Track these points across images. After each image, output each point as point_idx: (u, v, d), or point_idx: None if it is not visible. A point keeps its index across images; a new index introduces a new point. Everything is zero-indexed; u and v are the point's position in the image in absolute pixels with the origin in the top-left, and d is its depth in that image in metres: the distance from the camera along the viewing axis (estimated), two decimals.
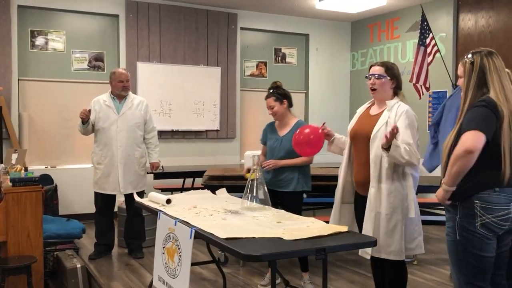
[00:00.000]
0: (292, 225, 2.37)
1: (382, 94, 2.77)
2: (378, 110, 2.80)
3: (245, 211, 2.69)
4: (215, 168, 5.28)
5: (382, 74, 2.75)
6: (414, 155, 2.55)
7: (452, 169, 2.16)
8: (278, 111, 3.62)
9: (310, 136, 2.90)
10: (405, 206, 2.64)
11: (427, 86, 5.52)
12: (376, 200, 2.64)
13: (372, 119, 2.77)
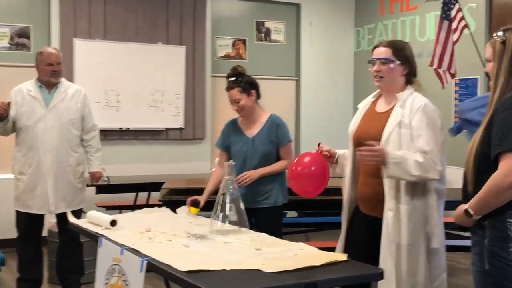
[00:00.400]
0: (276, 252, 2.36)
1: (391, 84, 2.76)
2: (387, 105, 2.79)
3: (215, 235, 2.68)
4: (177, 179, 5.27)
5: (389, 57, 2.73)
6: (431, 167, 2.55)
7: (488, 199, 2.17)
8: (246, 105, 3.63)
9: (311, 167, 2.81)
10: (427, 233, 2.66)
11: (452, 72, 5.61)
12: (395, 226, 2.65)
13: (380, 118, 2.76)
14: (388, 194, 2.65)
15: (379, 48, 2.79)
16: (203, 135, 7.20)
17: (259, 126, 3.66)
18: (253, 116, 3.68)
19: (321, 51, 8.02)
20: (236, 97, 3.61)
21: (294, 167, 2.86)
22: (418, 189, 2.64)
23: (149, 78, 6.82)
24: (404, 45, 2.81)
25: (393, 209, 2.64)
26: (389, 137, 2.65)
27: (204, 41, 7.15)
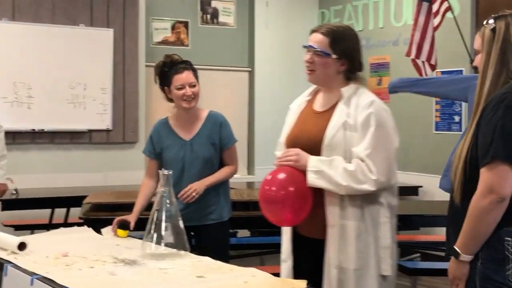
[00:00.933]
0: (222, 280, 2.36)
1: (324, 80, 2.75)
2: (328, 103, 2.76)
3: (148, 261, 2.66)
4: (102, 192, 5.21)
5: (325, 49, 2.67)
6: (365, 176, 2.53)
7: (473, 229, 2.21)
8: (199, 93, 3.64)
9: (288, 187, 2.64)
10: (379, 256, 2.64)
11: (432, 63, 5.73)
12: (339, 247, 2.61)
13: (320, 119, 2.72)
14: (329, 207, 2.63)
15: (316, 34, 2.72)
16: (135, 138, 7.15)
17: (197, 127, 3.65)
18: (194, 112, 3.68)
19: (279, 36, 8.07)
20: (192, 80, 3.59)
21: (267, 189, 2.69)
22: (367, 203, 2.62)
23: (68, 68, 6.73)
24: (347, 35, 2.74)
25: (336, 225, 2.61)
26: (332, 140, 2.62)
27: (136, 23, 7.10)
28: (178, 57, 3.67)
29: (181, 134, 3.65)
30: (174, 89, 3.59)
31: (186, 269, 2.54)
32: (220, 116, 3.72)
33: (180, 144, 3.61)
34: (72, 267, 2.55)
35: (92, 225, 3.57)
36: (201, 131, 3.62)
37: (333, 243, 2.62)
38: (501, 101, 2.24)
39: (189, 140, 3.61)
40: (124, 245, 3.02)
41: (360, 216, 2.61)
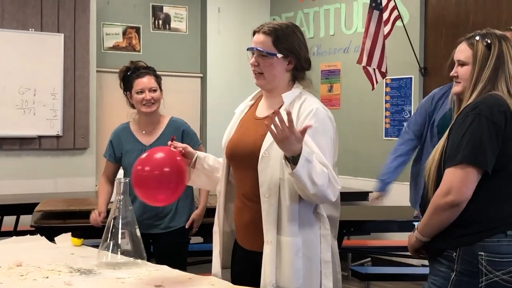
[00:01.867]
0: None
1: (273, 83, 2.59)
2: (269, 109, 2.62)
3: (104, 270, 2.63)
4: (54, 199, 5.15)
5: (269, 49, 2.54)
6: (333, 182, 2.38)
7: (430, 220, 2.45)
8: (159, 99, 3.66)
9: (163, 167, 2.54)
10: (321, 272, 2.51)
11: (383, 70, 5.83)
12: (276, 264, 2.46)
13: (259, 125, 2.59)
14: (266, 221, 2.47)
15: (259, 35, 2.58)
16: (86, 144, 7.08)
17: (158, 132, 3.67)
18: (156, 117, 3.68)
19: (231, 43, 8.08)
20: (154, 84, 3.62)
21: (140, 167, 2.55)
22: (306, 216, 2.48)
23: (17, 73, 6.63)
24: (290, 31, 2.58)
25: (272, 241, 2.46)
26: (269, 148, 2.46)
27: (87, 28, 7.04)
28: (142, 64, 3.70)
29: (141, 139, 3.65)
30: (134, 93, 3.61)
31: (143, 278, 2.52)
32: (182, 124, 3.74)
33: (139, 149, 3.61)
34: (26, 277, 2.50)
35: (44, 233, 3.51)
36: (162, 137, 3.62)
37: (269, 261, 2.46)
38: (473, 109, 2.40)
39: (149, 145, 3.60)
40: (78, 254, 2.97)
41: (298, 230, 2.45)
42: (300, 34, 2.61)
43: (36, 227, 4.12)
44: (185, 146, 2.72)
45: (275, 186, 2.45)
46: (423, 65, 6.46)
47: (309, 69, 2.64)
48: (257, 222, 2.51)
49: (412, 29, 6.38)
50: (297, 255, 2.44)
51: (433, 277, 2.47)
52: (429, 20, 6.52)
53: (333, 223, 2.57)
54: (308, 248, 2.47)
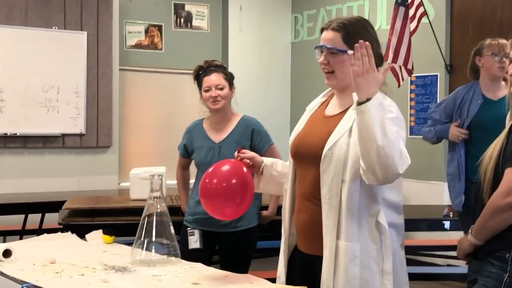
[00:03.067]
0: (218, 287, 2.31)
1: (345, 81, 2.46)
2: (339, 107, 2.53)
3: (139, 267, 2.60)
4: (79, 197, 5.14)
5: (339, 46, 2.45)
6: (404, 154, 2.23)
7: (487, 222, 2.35)
8: (228, 97, 3.67)
9: (231, 179, 2.52)
10: (378, 282, 2.40)
11: (409, 67, 5.76)
12: (333, 270, 2.40)
13: (327, 124, 2.51)
14: (326, 224, 2.40)
15: (327, 32, 2.48)
16: (109, 142, 7.09)
17: (229, 129, 3.68)
18: (226, 116, 3.70)
19: (252, 41, 8.07)
20: (221, 82, 3.63)
21: (207, 180, 2.54)
22: (367, 222, 2.39)
23: (41, 72, 6.65)
24: (360, 26, 2.48)
25: (330, 246, 2.39)
26: (333, 147, 2.39)
27: (110, 26, 7.05)
28: (216, 62, 3.75)
29: (212, 136, 3.69)
30: (203, 91, 3.66)
31: (179, 276, 2.48)
32: (252, 122, 3.73)
33: (209, 146, 3.66)
34: (62, 275, 2.48)
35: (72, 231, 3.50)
36: (231, 135, 3.65)
37: (327, 265, 2.40)
38: None
39: (219, 143, 3.64)
40: (111, 251, 2.94)
41: (356, 237, 2.38)
42: (371, 29, 2.50)
43: (64, 224, 4.12)
44: (252, 156, 2.66)
45: (336, 188, 2.36)
46: (449, 62, 6.38)
47: (380, 65, 2.47)
48: (314, 224, 2.44)
49: (438, 26, 6.31)
50: (353, 262, 2.37)
51: (484, 278, 2.39)
52: (455, 17, 6.44)
53: (398, 231, 2.45)
54: (366, 256, 2.38)
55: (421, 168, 6.35)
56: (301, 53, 8.17)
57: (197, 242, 3.60)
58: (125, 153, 7.38)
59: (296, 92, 8.20)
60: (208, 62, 3.75)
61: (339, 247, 2.37)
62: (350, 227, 2.36)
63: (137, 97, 7.52)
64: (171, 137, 7.35)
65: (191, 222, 3.67)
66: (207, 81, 3.64)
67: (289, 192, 2.63)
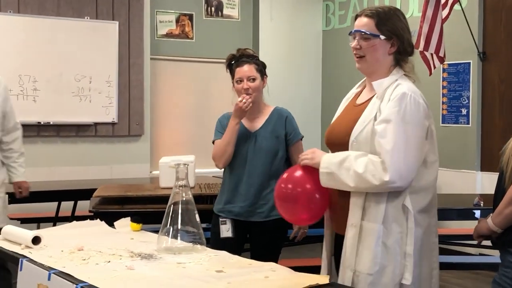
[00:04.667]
0: (242, 275, 2.32)
1: (374, 66, 2.60)
2: (368, 95, 2.66)
3: (164, 255, 2.62)
4: (110, 185, 5.18)
5: (372, 30, 2.56)
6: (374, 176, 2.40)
7: (506, 208, 2.41)
8: (259, 88, 3.65)
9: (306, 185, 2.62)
10: (399, 264, 2.48)
11: (440, 55, 5.68)
12: (356, 248, 2.51)
13: (356, 112, 2.63)
14: (352, 205, 2.53)
15: (361, 18, 2.60)
16: (141, 131, 7.14)
17: (263, 119, 3.66)
18: (258, 107, 3.68)
19: (283, 29, 8.04)
20: (252, 73, 3.59)
21: (283, 185, 2.66)
22: (392, 206, 2.47)
23: (73, 61, 6.71)
24: (393, 14, 2.59)
25: (356, 225, 2.51)
26: (359, 135, 2.52)
27: (141, 15, 7.09)
28: (249, 51, 3.68)
29: (247, 125, 3.67)
30: (235, 82, 3.64)
31: (204, 264, 2.50)
32: (286, 111, 3.72)
33: (245, 135, 3.64)
34: (88, 262, 2.51)
35: (102, 218, 3.53)
36: (266, 124, 3.63)
37: (350, 245, 2.52)
38: None
39: (254, 132, 3.63)
40: (138, 238, 2.98)
41: (382, 219, 2.46)
42: (403, 17, 2.60)
43: (94, 212, 4.15)
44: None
45: None
46: (482, 49, 6.28)
47: (411, 54, 2.62)
48: (345, 207, 2.55)
49: (471, 13, 6.21)
50: (376, 243, 2.45)
51: (504, 268, 2.40)
52: (488, 4, 6.33)
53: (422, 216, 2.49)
54: (388, 238, 2.46)
55: (454, 157, 6.29)
56: (332, 41, 8.12)
57: (229, 231, 3.61)
58: (157, 141, 7.43)
59: (327, 80, 8.16)
60: (241, 51, 3.71)
61: (364, 227, 2.47)
62: (376, 209, 2.46)
63: (168, 86, 7.55)
64: (202, 125, 7.39)
65: (222, 211, 3.68)
66: (239, 72, 3.61)
67: None
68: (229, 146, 3.59)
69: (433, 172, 2.53)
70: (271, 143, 3.61)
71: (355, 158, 2.45)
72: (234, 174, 3.64)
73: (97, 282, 2.20)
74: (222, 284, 2.20)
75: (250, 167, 3.60)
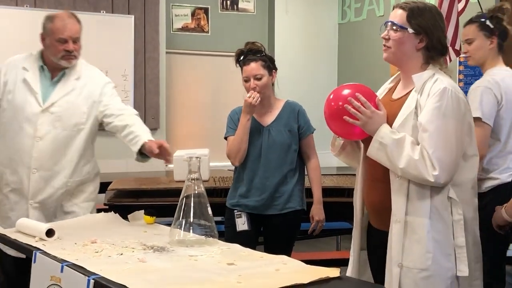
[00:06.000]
0: (253, 268, 2.33)
1: (401, 59, 2.60)
2: (404, 90, 2.65)
3: (177, 247, 2.64)
4: (126, 178, 5.21)
5: (401, 23, 2.55)
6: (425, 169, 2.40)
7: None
8: (267, 84, 3.66)
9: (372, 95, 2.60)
10: (453, 257, 2.48)
11: (457, 48, 5.63)
12: (403, 244, 2.50)
13: (393, 107, 2.60)
14: (395, 201, 2.52)
15: (396, 10, 2.60)
16: (156, 124, 7.17)
17: (275, 113, 3.69)
18: (269, 101, 3.71)
19: (299, 22, 8.03)
20: (259, 72, 3.61)
21: (333, 103, 2.64)
22: (437, 198, 2.47)
23: (89, 55, 6.54)
24: (426, 9, 2.56)
25: (401, 221, 2.49)
26: (400, 128, 2.51)
27: (157, 9, 7.11)
28: (257, 46, 3.68)
29: (260, 120, 3.69)
30: (243, 80, 3.66)
31: (215, 256, 2.52)
32: (297, 105, 3.76)
33: (258, 129, 3.66)
34: (101, 254, 2.54)
35: (117, 211, 3.56)
36: (279, 118, 3.66)
37: (396, 240, 2.51)
38: None
39: (267, 126, 3.65)
40: (151, 231, 3.01)
41: (428, 212, 2.47)
42: (438, 15, 2.59)
43: (109, 205, 4.20)
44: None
45: None
46: None
47: (444, 54, 2.62)
48: (387, 203, 2.54)
49: (487, 5, 6.14)
50: (425, 237, 2.45)
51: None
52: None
53: (469, 207, 2.52)
54: (437, 231, 2.47)
55: None
56: (348, 34, 8.09)
57: (245, 224, 3.63)
58: (173, 135, 7.45)
59: (343, 74, 8.13)
60: (249, 45, 3.71)
61: (409, 222, 2.48)
62: (421, 203, 2.46)
63: (184, 80, 7.57)
64: (217, 119, 7.39)
65: (237, 206, 3.68)
66: (246, 71, 3.62)
67: (360, 174, 2.77)
68: (243, 144, 3.61)
69: (472, 166, 2.54)
70: (284, 137, 3.62)
71: (412, 143, 2.45)
72: (248, 168, 3.65)
73: (108, 274, 2.22)
74: (233, 277, 2.21)
75: (264, 161, 3.61)
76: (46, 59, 3.66)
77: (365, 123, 2.50)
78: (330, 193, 4.27)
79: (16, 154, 3.50)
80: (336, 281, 2.20)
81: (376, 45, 7.32)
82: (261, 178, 3.61)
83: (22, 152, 3.48)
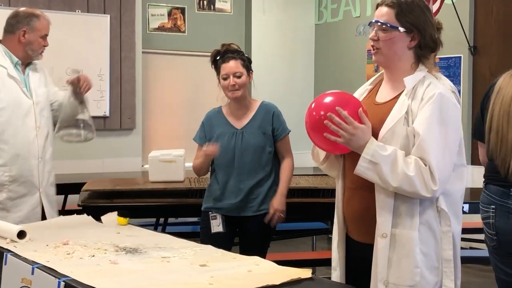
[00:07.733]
0: (225, 269, 2.34)
1: (392, 59, 2.43)
2: (391, 93, 2.46)
3: (149, 249, 2.64)
4: (101, 179, 5.18)
5: (390, 21, 2.38)
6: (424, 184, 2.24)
7: None
8: (246, 83, 3.65)
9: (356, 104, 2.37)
10: (439, 271, 2.36)
11: None
12: (389, 260, 2.35)
13: (379, 111, 2.42)
14: (380, 213, 2.34)
15: (381, 8, 2.42)
16: (132, 125, 7.14)
17: (250, 115, 3.67)
18: (244, 102, 3.69)
19: (276, 23, 8.04)
20: (239, 69, 3.59)
21: (314, 112, 2.38)
22: (425, 209, 2.33)
23: (64, 55, 6.67)
24: (416, 5, 2.38)
25: (387, 234, 2.33)
26: (391, 137, 2.33)
27: (133, 9, 7.07)
28: (233, 47, 3.68)
29: (233, 123, 3.67)
30: (221, 78, 3.63)
31: (188, 258, 2.52)
32: (272, 106, 3.73)
33: (231, 132, 3.64)
34: (72, 256, 2.53)
35: (91, 213, 3.54)
36: (253, 121, 3.64)
37: (382, 256, 2.35)
38: None
39: (241, 129, 3.64)
40: (124, 233, 3.00)
41: (417, 224, 2.32)
42: (427, 11, 2.41)
43: (83, 206, 4.15)
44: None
45: None
46: (473, 43, 6.29)
47: (435, 51, 2.45)
48: (368, 212, 2.39)
49: (462, 6, 6.21)
50: (413, 251, 2.31)
51: None
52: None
53: (456, 219, 2.39)
54: (425, 244, 2.33)
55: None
56: (324, 35, 8.11)
57: (219, 226, 3.62)
58: (149, 135, 7.43)
59: (320, 74, 8.16)
60: (226, 46, 3.70)
61: (397, 236, 2.33)
62: (409, 215, 2.32)
63: (160, 80, 7.54)
64: (194, 119, 7.36)
65: (212, 209, 3.67)
66: (225, 69, 3.60)
67: (341, 182, 2.58)
68: (202, 170, 3.70)
69: (461, 176, 2.42)
70: (258, 139, 3.61)
71: (404, 158, 2.27)
72: (222, 172, 3.64)
73: (79, 276, 2.21)
74: (205, 278, 2.21)
75: (238, 164, 3.60)
76: (16, 54, 3.78)
77: (349, 140, 2.29)
78: (306, 194, 4.26)
79: (23, 149, 3.67)
80: (308, 282, 2.21)
81: (352, 46, 7.42)
82: (235, 181, 3.60)
83: (29, 145, 3.69)
